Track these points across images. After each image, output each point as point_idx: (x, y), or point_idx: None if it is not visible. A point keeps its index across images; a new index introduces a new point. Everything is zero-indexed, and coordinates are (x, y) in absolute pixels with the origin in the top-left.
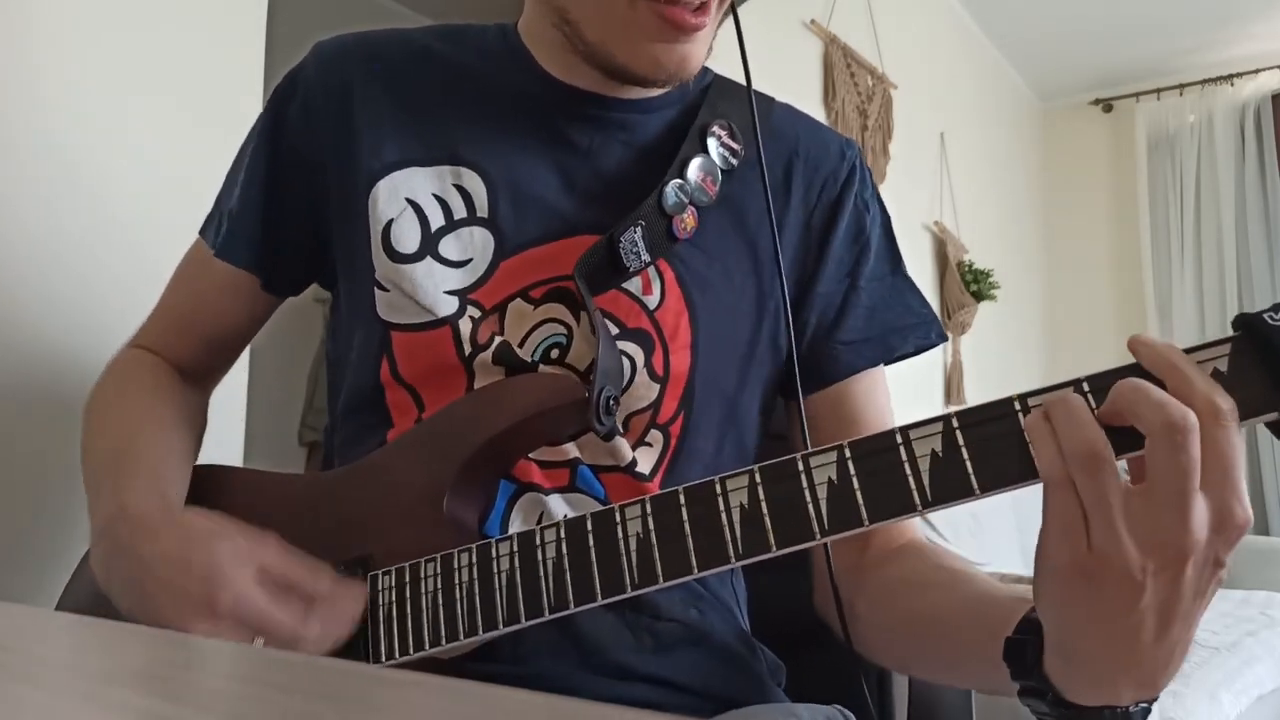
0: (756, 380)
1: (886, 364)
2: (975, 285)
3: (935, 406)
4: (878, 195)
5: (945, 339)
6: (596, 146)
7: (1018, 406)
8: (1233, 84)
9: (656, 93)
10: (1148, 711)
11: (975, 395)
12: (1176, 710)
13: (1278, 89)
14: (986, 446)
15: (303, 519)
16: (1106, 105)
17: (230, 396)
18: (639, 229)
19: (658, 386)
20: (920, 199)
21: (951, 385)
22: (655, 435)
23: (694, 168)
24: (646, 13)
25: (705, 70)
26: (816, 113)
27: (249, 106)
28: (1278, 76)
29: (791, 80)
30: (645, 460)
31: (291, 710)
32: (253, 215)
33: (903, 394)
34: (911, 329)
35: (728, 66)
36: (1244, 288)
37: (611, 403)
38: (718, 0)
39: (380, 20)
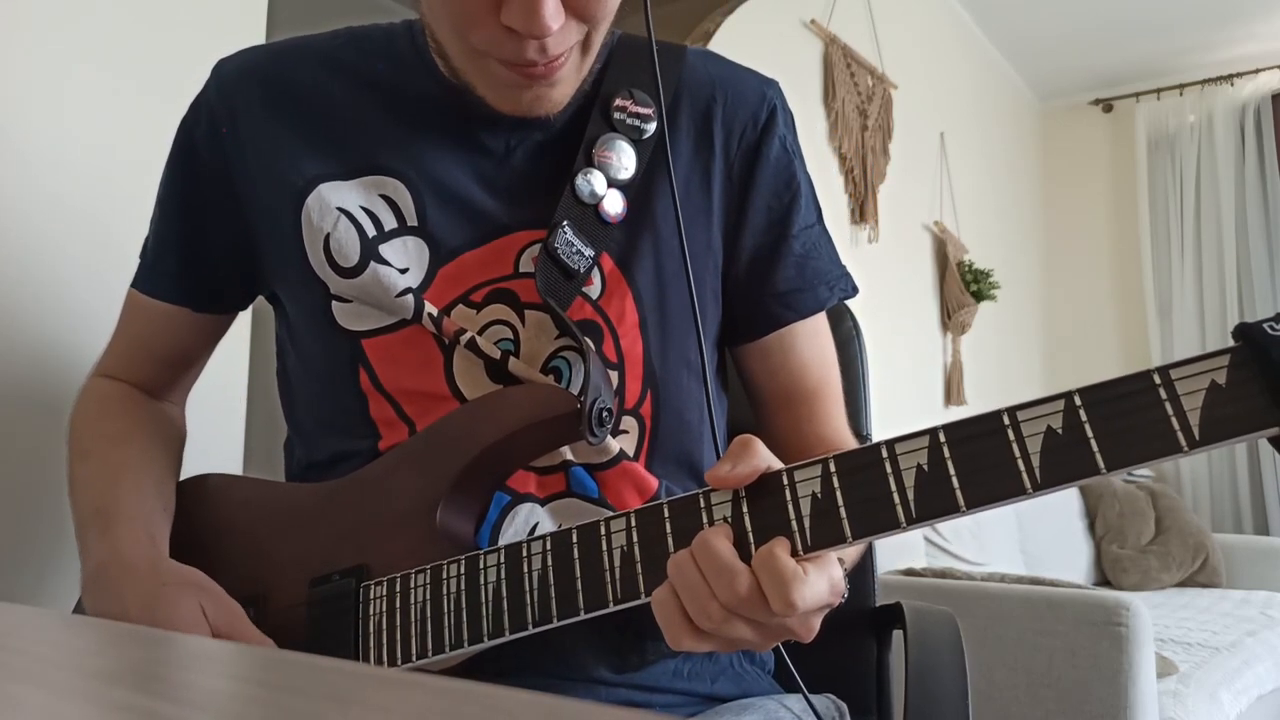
0: (710, 340)
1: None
2: (975, 285)
3: (935, 406)
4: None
5: (858, 292)
6: (512, 147)
7: (1006, 421)
8: (1233, 84)
9: None
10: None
11: (975, 395)
12: (1176, 710)
13: (1278, 89)
14: (973, 462)
15: (303, 528)
16: (1106, 105)
17: (230, 404)
18: (568, 229)
19: (615, 373)
20: (920, 199)
21: (951, 385)
22: (629, 422)
23: (605, 148)
24: (495, 64)
25: (610, 33)
26: (816, 112)
27: None
28: (1278, 76)
29: (791, 80)
30: (626, 449)
31: (291, 710)
32: (171, 246)
33: (902, 394)
34: (836, 280)
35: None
36: (1244, 288)
37: (605, 414)
38: (579, 44)
39: (376, 12)
